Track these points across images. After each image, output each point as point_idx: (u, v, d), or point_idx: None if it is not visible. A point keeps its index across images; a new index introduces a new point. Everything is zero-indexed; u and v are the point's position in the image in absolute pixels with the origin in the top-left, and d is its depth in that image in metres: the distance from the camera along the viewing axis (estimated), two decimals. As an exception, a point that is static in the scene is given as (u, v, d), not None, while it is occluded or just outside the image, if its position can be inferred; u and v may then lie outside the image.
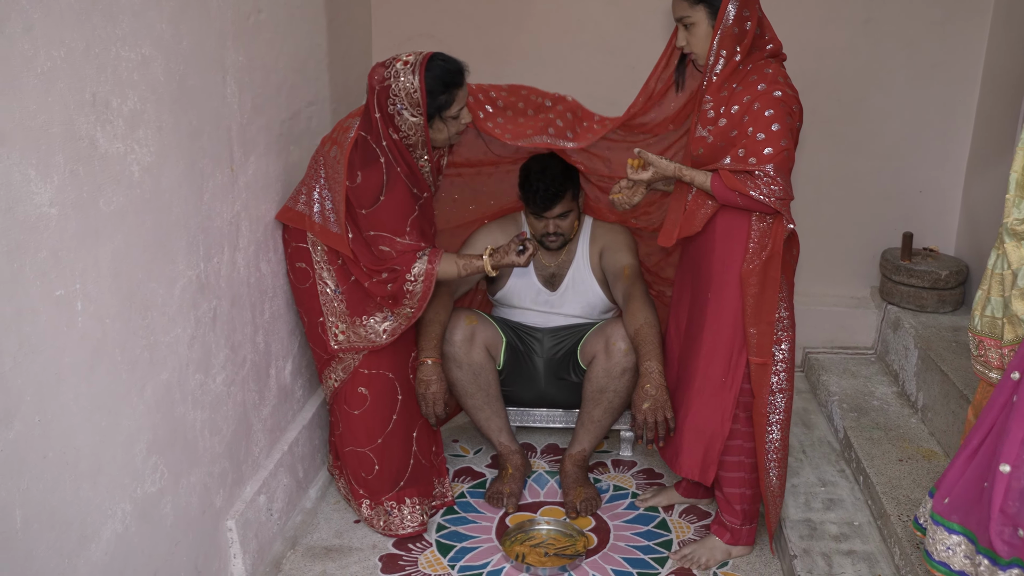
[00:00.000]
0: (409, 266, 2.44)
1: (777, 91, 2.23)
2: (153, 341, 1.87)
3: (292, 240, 2.52)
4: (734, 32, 2.26)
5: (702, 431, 2.41)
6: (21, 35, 1.41)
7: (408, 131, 2.40)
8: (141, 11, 1.75)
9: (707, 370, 2.38)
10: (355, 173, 2.40)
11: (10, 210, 1.41)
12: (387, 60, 2.40)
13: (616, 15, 3.44)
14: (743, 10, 2.26)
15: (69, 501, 1.61)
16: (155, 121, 1.83)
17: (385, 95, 2.36)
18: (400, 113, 2.36)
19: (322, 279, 2.50)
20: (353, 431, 2.59)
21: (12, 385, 1.44)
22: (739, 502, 2.47)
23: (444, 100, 2.39)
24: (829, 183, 3.54)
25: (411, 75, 2.34)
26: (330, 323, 2.52)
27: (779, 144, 2.21)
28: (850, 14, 3.38)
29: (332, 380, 2.60)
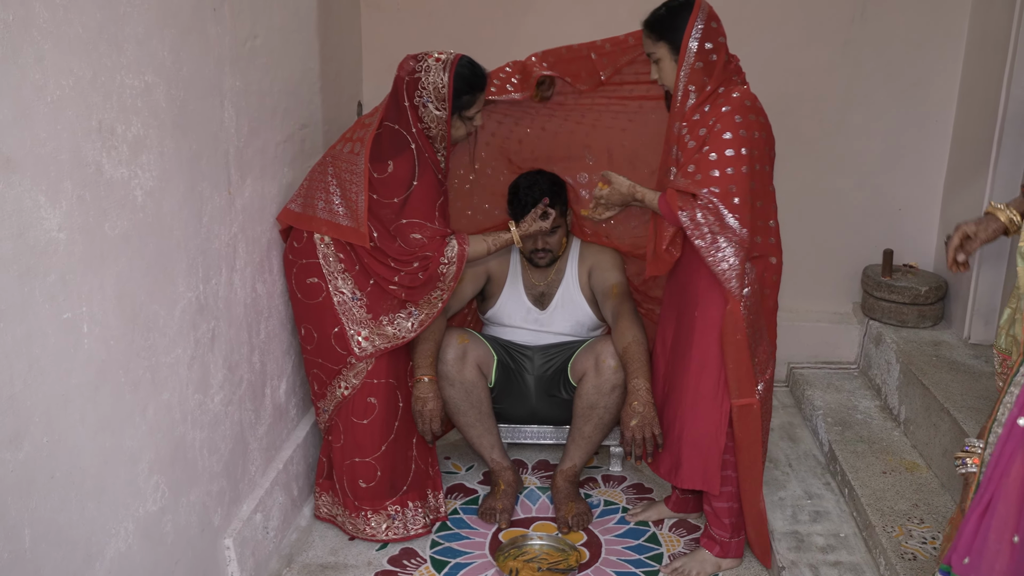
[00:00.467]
0: (442, 250, 2.53)
1: (738, 116, 2.26)
2: (155, 362, 1.90)
3: (299, 257, 2.55)
4: (698, 67, 2.31)
5: (699, 443, 2.45)
6: (33, 65, 1.45)
7: (430, 123, 2.51)
8: (144, 39, 1.80)
9: (698, 385, 2.42)
10: (385, 163, 2.49)
11: (21, 235, 1.45)
12: (419, 54, 2.53)
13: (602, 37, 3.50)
14: (705, 44, 2.30)
15: (75, 520, 1.63)
16: (157, 146, 1.87)
17: (414, 86, 2.48)
18: (425, 105, 2.49)
19: (338, 289, 2.53)
20: (358, 441, 2.62)
21: (22, 406, 1.47)
22: (727, 515, 2.52)
23: (467, 100, 2.54)
24: (811, 201, 3.61)
25: (442, 72, 2.47)
26: (351, 332, 2.54)
27: (726, 171, 2.22)
28: (830, 35, 3.47)
29: (341, 389, 2.61)
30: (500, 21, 3.52)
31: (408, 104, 2.50)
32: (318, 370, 2.64)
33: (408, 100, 2.50)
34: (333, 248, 2.52)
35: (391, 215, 2.51)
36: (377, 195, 2.49)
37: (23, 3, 1.42)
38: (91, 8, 1.60)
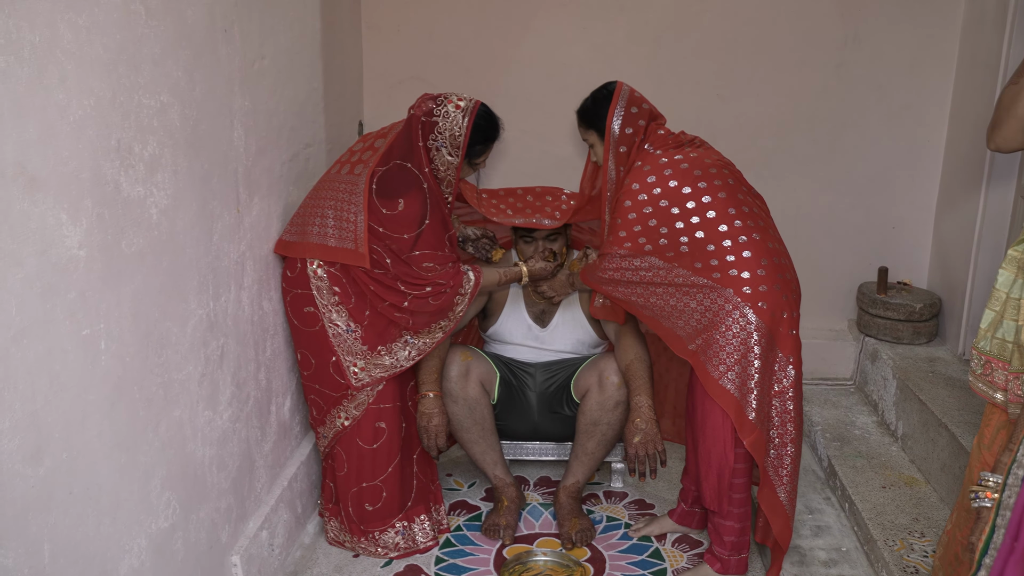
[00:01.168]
0: (459, 282, 2.57)
1: (635, 183, 2.47)
2: (168, 379, 1.92)
3: (293, 287, 2.55)
4: (621, 151, 2.56)
5: (711, 463, 2.46)
6: (57, 85, 1.48)
7: (440, 166, 2.54)
8: (160, 60, 1.83)
9: (704, 403, 2.44)
10: (395, 201, 2.47)
11: (44, 253, 1.47)
12: (438, 96, 2.55)
13: (600, 60, 3.57)
14: (626, 129, 2.55)
15: (91, 536, 1.64)
16: (171, 165, 1.89)
17: (430, 129, 2.50)
18: (439, 149, 2.51)
19: (332, 322, 2.52)
20: (365, 467, 2.62)
21: (43, 422, 1.49)
22: (729, 533, 2.52)
23: (479, 150, 2.60)
24: (806, 220, 3.67)
25: (461, 119, 2.51)
26: (347, 362, 2.54)
27: (617, 234, 2.48)
28: (823, 59, 3.54)
29: (341, 419, 2.60)
30: (498, 43, 3.57)
31: (422, 145, 2.51)
32: (316, 396, 2.63)
33: (423, 141, 2.51)
34: (327, 281, 2.50)
35: (401, 247, 2.49)
36: (384, 228, 2.48)
37: (48, 24, 1.45)
38: (112, 29, 1.63)
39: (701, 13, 3.51)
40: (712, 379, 2.38)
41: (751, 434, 2.36)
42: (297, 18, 2.72)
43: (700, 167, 2.48)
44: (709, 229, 2.41)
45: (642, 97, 2.63)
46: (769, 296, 2.37)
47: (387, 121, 3.61)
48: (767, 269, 2.39)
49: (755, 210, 2.49)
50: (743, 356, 2.35)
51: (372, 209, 2.46)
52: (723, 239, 2.40)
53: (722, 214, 2.42)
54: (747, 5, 3.50)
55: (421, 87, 3.60)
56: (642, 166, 2.49)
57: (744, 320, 2.35)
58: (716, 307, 2.38)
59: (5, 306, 1.38)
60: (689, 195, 2.44)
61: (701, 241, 2.40)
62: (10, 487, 1.41)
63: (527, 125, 3.57)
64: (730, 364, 2.36)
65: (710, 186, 2.45)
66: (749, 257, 2.38)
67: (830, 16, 3.49)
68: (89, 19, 1.55)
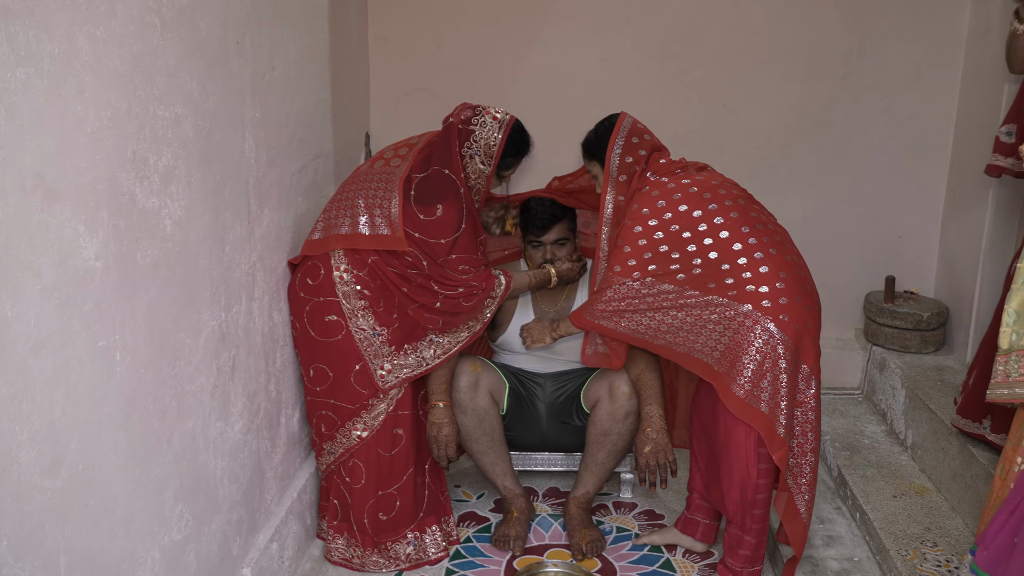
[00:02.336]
0: (491, 285, 2.62)
1: (627, 219, 2.51)
2: (181, 390, 1.91)
3: (313, 295, 2.53)
4: (621, 180, 2.60)
5: (734, 478, 2.45)
6: (75, 97, 1.48)
7: (472, 174, 2.60)
8: (175, 71, 1.83)
9: (727, 419, 2.43)
10: (434, 207, 2.53)
11: (61, 264, 1.47)
12: (477, 107, 2.63)
13: (606, 70, 3.58)
14: (626, 158, 2.60)
15: (106, 549, 1.64)
16: (185, 176, 1.89)
17: (466, 137, 2.58)
18: (472, 157, 2.58)
19: (358, 327, 2.53)
20: (384, 473, 2.61)
21: (60, 434, 1.48)
22: (745, 547, 2.51)
23: (510, 162, 2.69)
24: (813, 230, 3.66)
25: (497, 131, 2.60)
26: (373, 366, 2.55)
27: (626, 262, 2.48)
28: (829, 69, 3.55)
29: (357, 432, 2.58)
30: (505, 54, 3.59)
31: (458, 152, 2.57)
32: (329, 411, 2.59)
33: (459, 148, 2.57)
34: (355, 285, 2.52)
35: (438, 252, 2.54)
36: (421, 234, 2.52)
37: (67, 36, 1.45)
38: (128, 41, 1.63)
39: (708, 24, 3.53)
40: (738, 399, 2.36)
41: (780, 448, 2.35)
42: (306, 30, 2.73)
43: (708, 189, 2.50)
44: (723, 249, 2.41)
45: (645, 128, 2.68)
46: (791, 308, 2.36)
47: (394, 132, 3.63)
48: (786, 282, 2.39)
49: (769, 226, 2.50)
50: (771, 371, 2.34)
51: (408, 214, 2.51)
52: (738, 257, 2.40)
53: (735, 233, 2.43)
54: (753, 16, 3.51)
55: (428, 99, 3.62)
56: (650, 191, 2.52)
57: (767, 334, 2.34)
58: (736, 324, 2.36)
59: (24, 317, 1.38)
60: (700, 218, 2.45)
61: (715, 261, 2.41)
62: (28, 499, 1.41)
63: (534, 136, 3.56)
64: (756, 381, 2.35)
65: (721, 207, 2.46)
66: (767, 272, 2.38)
67: (836, 27, 3.51)
68: (107, 31, 1.56)
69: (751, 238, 2.42)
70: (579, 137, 3.60)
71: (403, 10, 3.56)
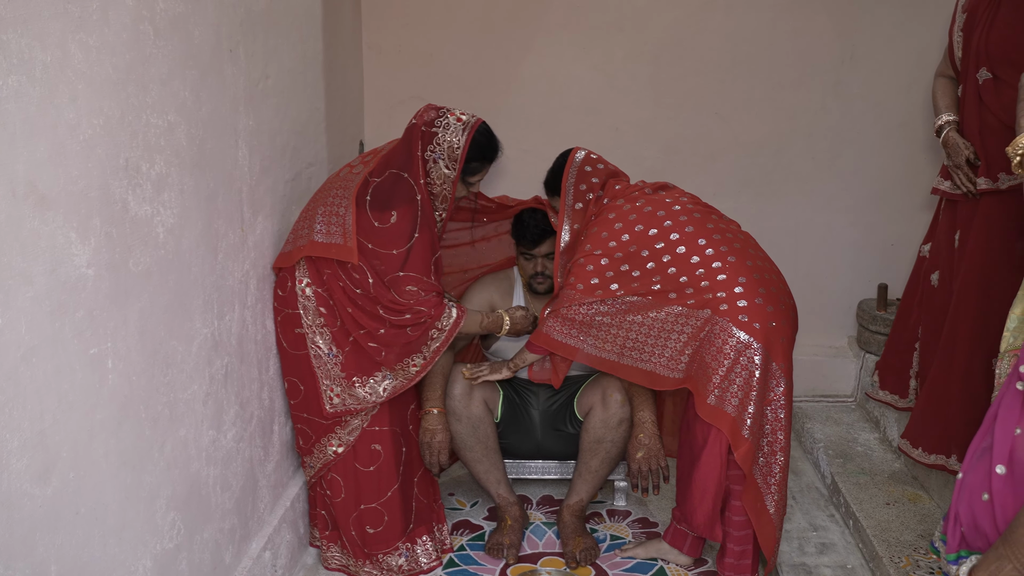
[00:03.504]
0: (439, 314, 2.48)
1: (603, 232, 2.54)
2: (173, 398, 1.91)
3: (284, 307, 2.48)
4: (577, 208, 2.65)
5: (706, 489, 2.48)
6: (67, 105, 1.48)
7: (436, 179, 2.50)
8: (168, 80, 1.83)
9: (705, 430, 2.45)
10: (388, 213, 2.43)
11: (53, 272, 1.47)
12: (441, 108, 2.53)
13: (600, 79, 3.59)
14: (580, 184, 2.65)
15: (98, 557, 1.63)
16: (178, 184, 1.90)
17: (429, 139, 2.47)
18: (436, 161, 2.47)
19: (314, 343, 2.46)
20: (364, 488, 2.56)
21: (51, 442, 1.48)
22: (730, 556, 2.54)
23: (476, 167, 2.55)
24: (805, 237, 3.69)
25: (460, 133, 2.47)
26: (324, 386, 2.48)
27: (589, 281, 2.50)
28: (821, 77, 3.57)
29: (333, 447, 2.53)
30: (499, 63, 3.60)
31: (420, 155, 2.47)
32: (304, 425, 2.55)
33: (421, 151, 2.48)
34: (314, 300, 2.44)
35: (387, 267, 2.43)
36: (373, 244, 2.42)
37: (60, 45, 1.45)
38: (121, 49, 1.64)
39: (699, 33, 3.54)
40: (708, 405, 2.40)
41: (742, 446, 2.39)
42: (300, 39, 2.73)
43: (662, 207, 2.56)
44: (681, 263, 2.47)
45: (600, 158, 2.73)
46: (751, 310, 2.40)
47: (388, 140, 3.65)
48: (745, 286, 2.43)
49: (727, 234, 2.54)
50: (740, 374, 2.38)
51: (363, 222, 2.42)
52: (696, 268, 2.46)
53: (692, 246, 2.49)
54: (745, 25, 3.53)
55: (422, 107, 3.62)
56: (606, 215, 2.56)
57: (732, 338, 2.39)
58: (697, 330, 2.42)
59: (15, 325, 1.38)
60: (656, 236, 2.51)
61: (674, 275, 2.47)
62: (18, 507, 1.41)
63: (527, 144, 3.59)
64: (726, 386, 2.39)
65: (675, 223, 2.52)
66: (724, 279, 2.43)
67: (827, 35, 3.52)
68: (99, 39, 1.56)
69: (708, 248, 2.48)
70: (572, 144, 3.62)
71: (397, 19, 3.57)
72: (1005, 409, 1.50)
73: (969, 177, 2.53)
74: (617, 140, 3.59)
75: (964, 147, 2.55)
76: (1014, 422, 1.47)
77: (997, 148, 2.43)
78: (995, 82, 2.46)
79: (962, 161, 2.55)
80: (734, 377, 2.39)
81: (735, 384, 2.38)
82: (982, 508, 1.48)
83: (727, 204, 3.67)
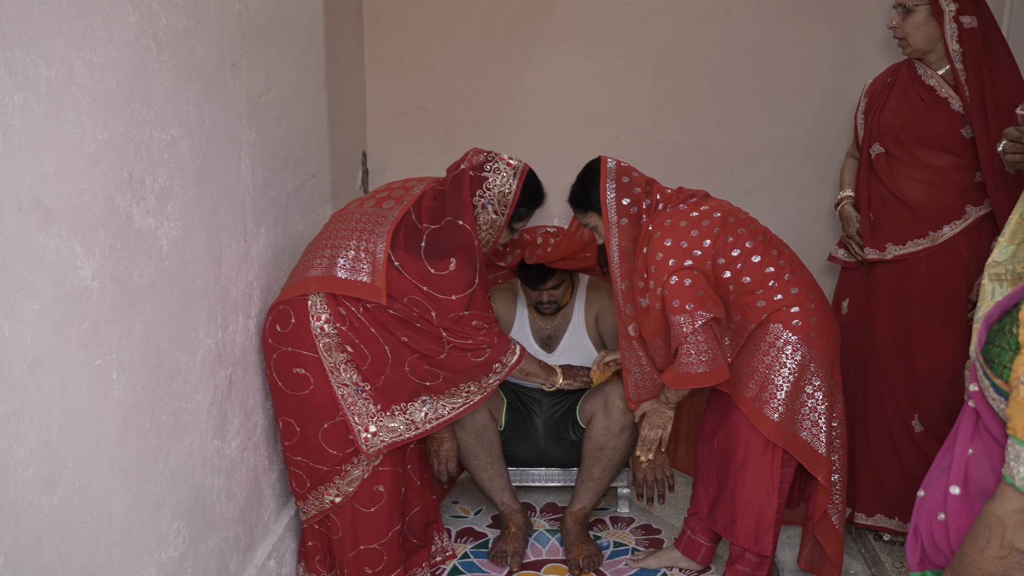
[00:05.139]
0: (504, 347, 2.45)
1: (659, 253, 2.36)
2: (177, 408, 1.93)
3: (282, 344, 2.32)
4: (624, 224, 2.46)
5: (751, 503, 2.45)
6: (72, 120, 1.51)
7: (483, 224, 2.40)
8: (171, 94, 1.86)
9: (748, 443, 2.43)
10: (446, 260, 2.31)
11: (59, 284, 1.49)
12: (490, 153, 2.44)
13: (600, 88, 3.61)
14: (622, 200, 2.46)
15: (103, 566, 1.65)
16: (181, 197, 1.92)
17: (479, 184, 2.38)
18: (485, 207, 2.38)
19: (340, 382, 2.32)
20: (363, 530, 2.44)
21: (57, 452, 1.50)
22: (744, 563, 2.53)
23: (523, 213, 2.48)
24: (807, 244, 3.67)
25: (512, 179, 2.40)
26: (357, 427, 2.34)
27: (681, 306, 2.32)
28: (821, 85, 3.58)
29: (330, 497, 2.40)
30: (500, 74, 3.62)
31: (470, 200, 2.37)
32: (300, 469, 2.42)
33: (471, 196, 2.38)
34: (337, 338, 2.31)
35: (451, 308, 2.33)
36: (430, 288, 2.31)
37: (64, 61, 1.48)
38: (124, 65, 1.66)
39: (700, 42, 3.56)
40: (772, 423, 2.36)
41: (824, 469, 2.38)
42: (302, 51, 2.76)
43: (731, 213, 2.46)
44: (756, 273, 2.39)
45: (630, 166, 2.57)
46: (820, 327, 2.39)
47: (390, 151, 3.68)
48: (815, 302, 2.41)
49: (784, 249, 2.49)
50: (807, 391, 2.37)
51: (416, 269, 2.31)
52: (769, 280, 2.39)
53: (766, 256, 2.41)
54: (745, 33, 3.55)
55: (424, 118, 3.65)
56: (674, 223, 2.39)
57: (800, 355, 2.35)
58: (767, 345, 2.37)
59: (21, 337, 1.40)
60: (732, 243, 2.39)
61: (748, 286, 2.38)
62: (25, 516, 1.43)
63: (529, 154, 3.57)
64: (791, 403, 2.36)
65: (748, 231, 2.43)
66: (797, 293, 2.39)
67: (827, 43, 3.54)
68: (103, 56, 1.59)
69: (781, 260, 2.42)
70: (573, 155, 3.62)
71: (398, 31, 3.60)
72: (960, 430, 1.48)
73: (860, 245, 2.71)
74: (618, 149, 3.60)
75: (856, 220, 2.74)
76: (966, 442, 1.45)
77: (885, 218, 2.64)
78: (886, 156, 2.65)
79: (853, 232, 2.74)
80: (801, 393, 2.37)
81: (802, 402, 2.37)
82: (939, 527, 1.47)
83: (728, 211, 3.72)
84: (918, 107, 2.56)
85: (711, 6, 3.51)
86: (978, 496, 1.41)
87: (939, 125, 2.51)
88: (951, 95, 2.51)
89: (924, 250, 2.56)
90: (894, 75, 2.70)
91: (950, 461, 1.48)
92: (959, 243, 2.52)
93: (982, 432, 1.41)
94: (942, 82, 2.53)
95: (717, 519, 2.57)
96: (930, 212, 2.54)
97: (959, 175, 2.51)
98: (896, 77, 2.68)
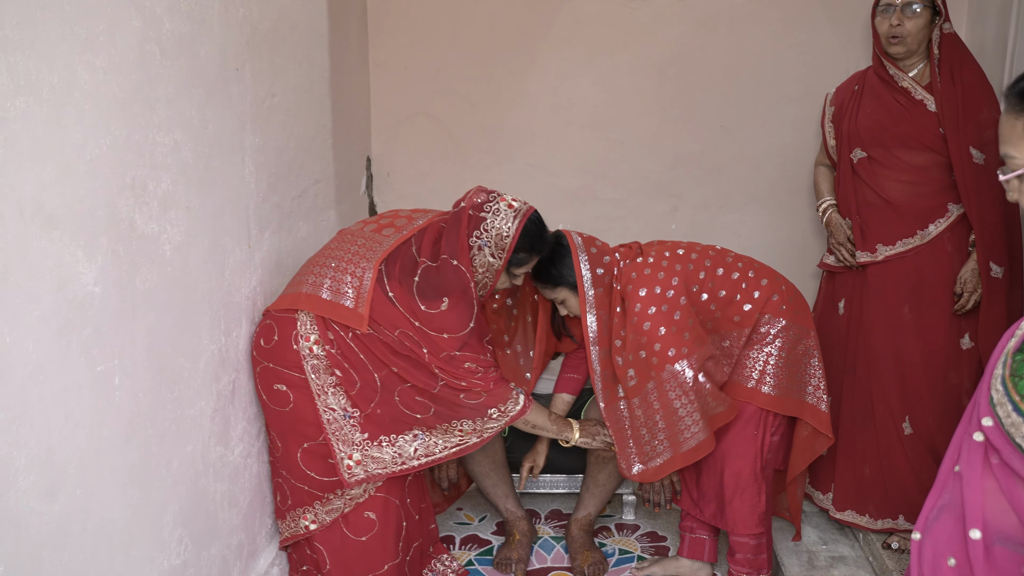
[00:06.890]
0: (501, 395, 2.34)
1: (637, 304, 2.43)
2: (180, 414, 1.92)
3: (264, 359, 2.26)
4: (599, 292, 2.46)
5: (739, 485, 2.54)
6: (74, 125, 1.50)
7: (479, 267, 2.29)
8: (174, 99, 1.85)
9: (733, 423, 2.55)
10: (439, 300, 2.24)
11: (60, 290, 1.48)
12: (492, 192, 2.32)
13: (604, 94, 3.60)
14: (596, 270, 2.47)
15: (105, 573, 1.64)
16: (184, 202, 1.91)
17: (476, 225, 2.26)
18: (482, 248, 2.27)
19: (327, 406, 2.24)
20: (353, 561, 2.35)
21: (58, 459, 1.49)
22: (743, 550, 2.57)
23: (522, 258, 2.34)
24: (811, 250, 3.67)
25: (511, 220, 2.27)
26: (341, 453, 2.26)
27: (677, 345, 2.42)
28: (826, 89, 3.53)
29: (306, 522, 2.32)
30: (504, 79, 3.61)
31: (466, 241, 2.26)
32: (282, 484, 2.35)
33: (467, 236, 2.27)
34: (326, 361, 2.23)
35: (443, 347, 2.26)
36: (421, 324, 2.24)
37: (67, 66, 1.47)
38: (127, 70, 1.66)
39: (704, 46, 3.55)
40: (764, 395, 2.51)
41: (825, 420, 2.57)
42: (306, 56, 2.76)
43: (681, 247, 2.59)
44: (725, 282, 2.54)
45: (591, 236, 2.57)
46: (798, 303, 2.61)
47: (395, 157, 3.68)
48: (785, 283, 2.62)
49: (733, 254, 2.65)
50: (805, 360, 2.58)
51: (408, 304, 2.24)
52: (740, 283, 2.55)
53: (726, 266, 2.57)
54: (750, 38, 3.54)
55: (428, 123, 3.65)
56: (640, 275, 2.46)
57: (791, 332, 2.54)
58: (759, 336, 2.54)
59: (22, 343, 1.39)
60: (695, 268, 2.52)
61: (726, 296, 2.53)
62: (26, 524, 1.42)
63: (534, 159, 3.61)
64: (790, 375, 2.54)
65: (702, 252, 2.58)
66: (768, 283, 2.57)
67: (832, 47, 3.53)
68: (106, 60, 1.58)
69: (739, 263, 2.59)
70: (578, 160, 3.64)
71: (403, 36, 3.59)
72: (967, 466, 1.36)
73: (851, 252, 2.76)
74: (623, 154, 3.60)
75: (847, 227, 2.79)
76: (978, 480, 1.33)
77: (873, 221, 2.70)
78: (869, 160, 2.70)
79: (843, 239, 2.79)
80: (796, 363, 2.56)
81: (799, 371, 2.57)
82: (951, 574, 1.35)
83: (733, 217, 3.70)
84: (895, 109, 2.64)
85: (716, 11, 3.50)
86: (997, 538, 1.31)
87: (919, 125, 2.60)
88: (926, 96, 2.60)
89: (913, 249, 2.64)
90: (860, 82, 2.79)
91: (947, 501, 1.38)
92: (944, 239, 2.61)
93: (995, 469, 1.32)
94: (915, 84, 2.62)
95: (704, 508, 2.62)
96: (916, 211, 2.63)
97: (940, 173, 2.60)
98: (864, 83, 2.77)
